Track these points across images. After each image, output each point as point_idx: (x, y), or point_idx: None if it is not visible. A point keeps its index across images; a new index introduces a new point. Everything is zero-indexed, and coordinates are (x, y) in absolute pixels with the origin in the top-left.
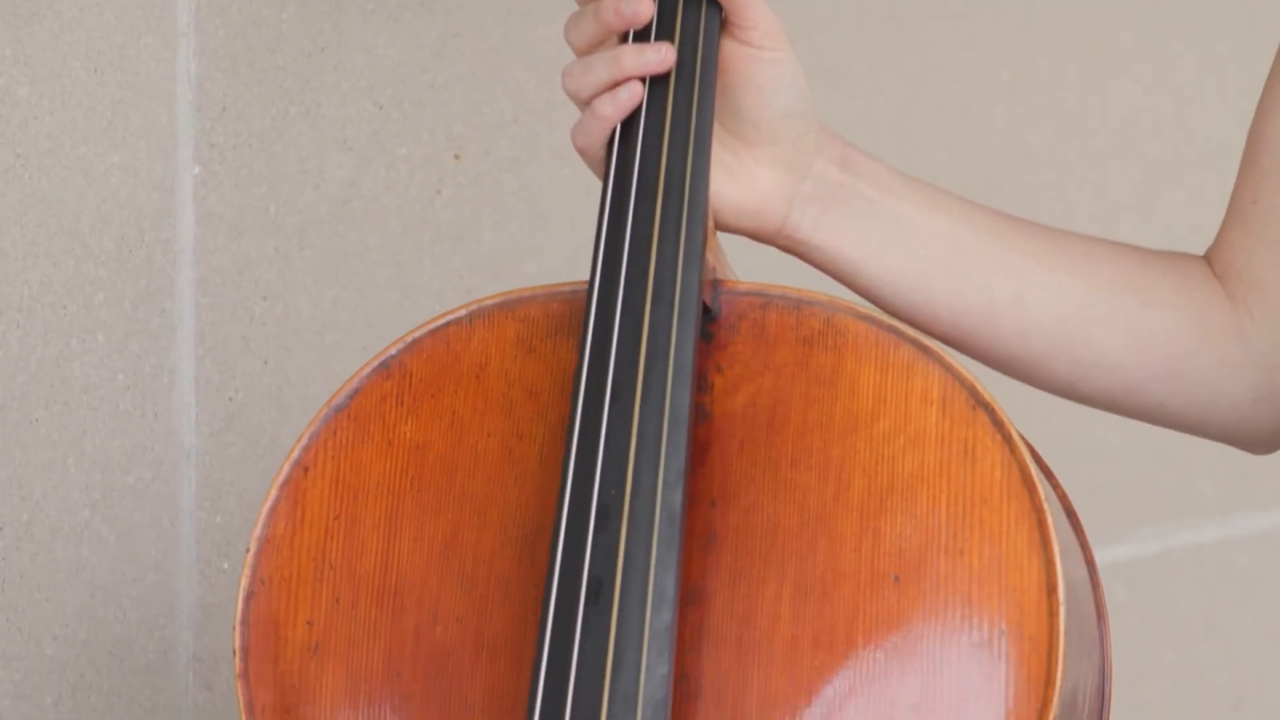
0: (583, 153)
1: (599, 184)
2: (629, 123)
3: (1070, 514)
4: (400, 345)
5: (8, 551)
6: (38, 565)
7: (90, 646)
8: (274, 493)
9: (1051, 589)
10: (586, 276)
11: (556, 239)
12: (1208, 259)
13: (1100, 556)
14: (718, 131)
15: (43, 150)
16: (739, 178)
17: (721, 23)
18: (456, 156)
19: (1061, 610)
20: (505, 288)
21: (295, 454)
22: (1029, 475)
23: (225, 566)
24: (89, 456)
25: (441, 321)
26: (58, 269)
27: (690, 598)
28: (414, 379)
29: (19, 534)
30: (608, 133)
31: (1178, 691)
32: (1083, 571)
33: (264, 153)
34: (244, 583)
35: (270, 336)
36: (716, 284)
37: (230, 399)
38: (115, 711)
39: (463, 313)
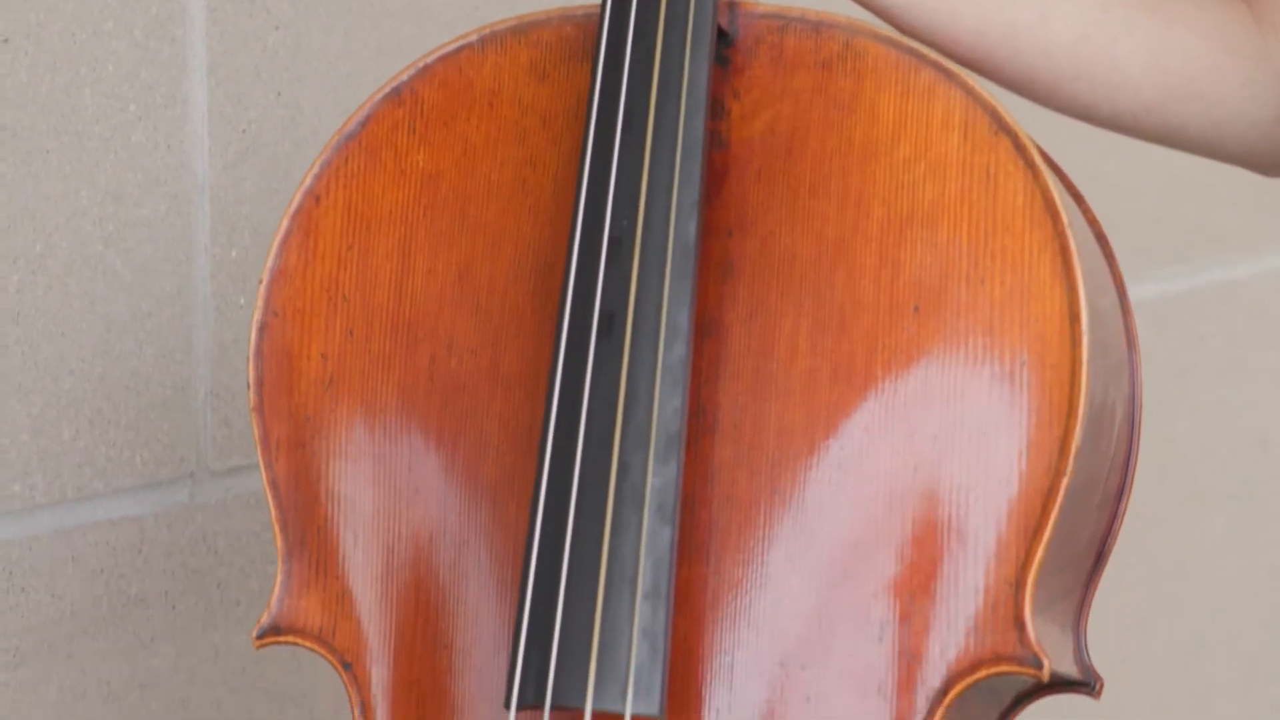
0: None
1: None
2: None
3: (1100, 239)
4: (412, 71)
5: (22, 285)
6: (52, 299)
7: (106, 381)
8: (285, 223)
9: (1074, 317)
10: None
11: None
12: None
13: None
14: None
15: None
16: None
17: None
18: None
19: (1085, 339)
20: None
21: (307, 183)
22: (1052, 202)
23: (241, 302)
24: (101, 189)
25: (453, 46)
26: None
27: (706, 330)
28: (426, 106)
29: (32, 267)
30: None
31: (1205, 430)
32: (1111, 298)
33: None
34: (256, 315)
35: (283, 67)
36: (733, 6)
37: (243, 131)
38: (133, 446)
39: (474, 37)
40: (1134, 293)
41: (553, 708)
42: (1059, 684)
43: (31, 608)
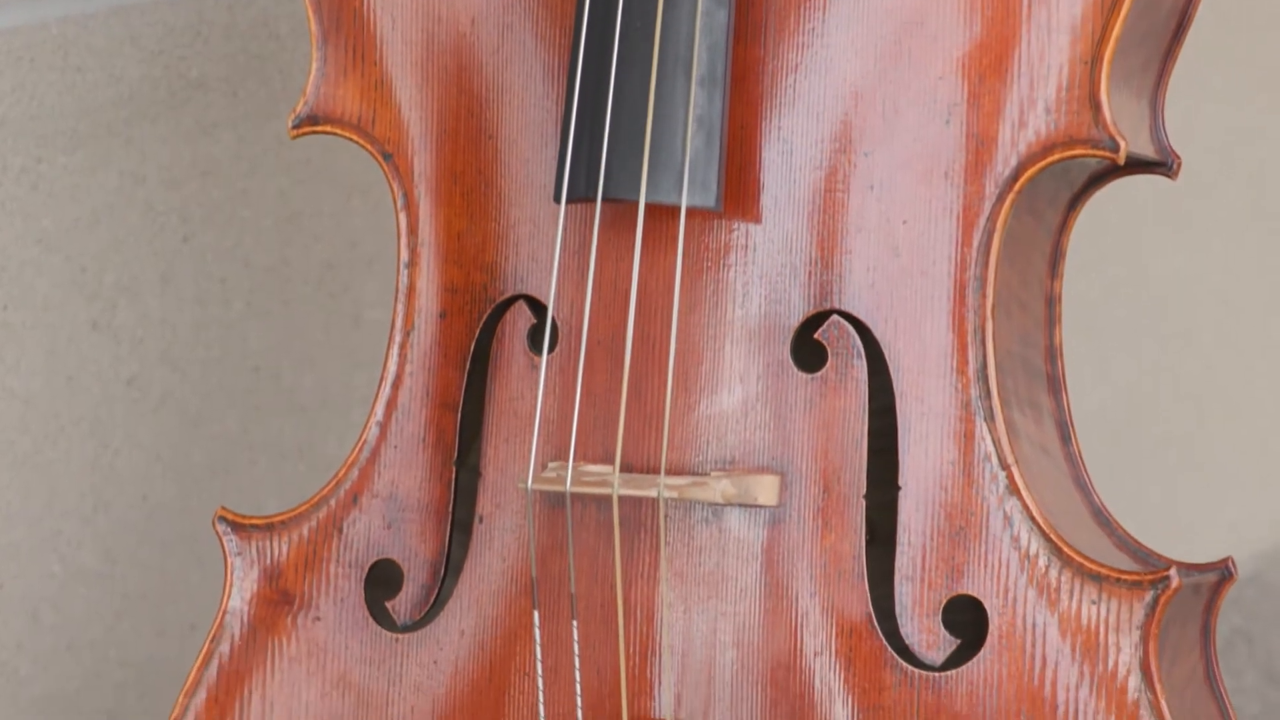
0: None
1: None
2: None
3: None
4: None
5: None
6: None
7: None
8: None
9: None
10: None
11: None
12: None
13: None
14: None
15: None
16: None
17: None
18: None
19: None
20: None
21: None
22: None
23: None
24: None
25: None
26: None
27: None
28: None
29: None
30: None
31: None
32: None
33: None
34: None
35: None
36: None
37: None
38: None
39: None
40: None
41: (605, 200)
42: (1135, 165)
43: (88, 89)
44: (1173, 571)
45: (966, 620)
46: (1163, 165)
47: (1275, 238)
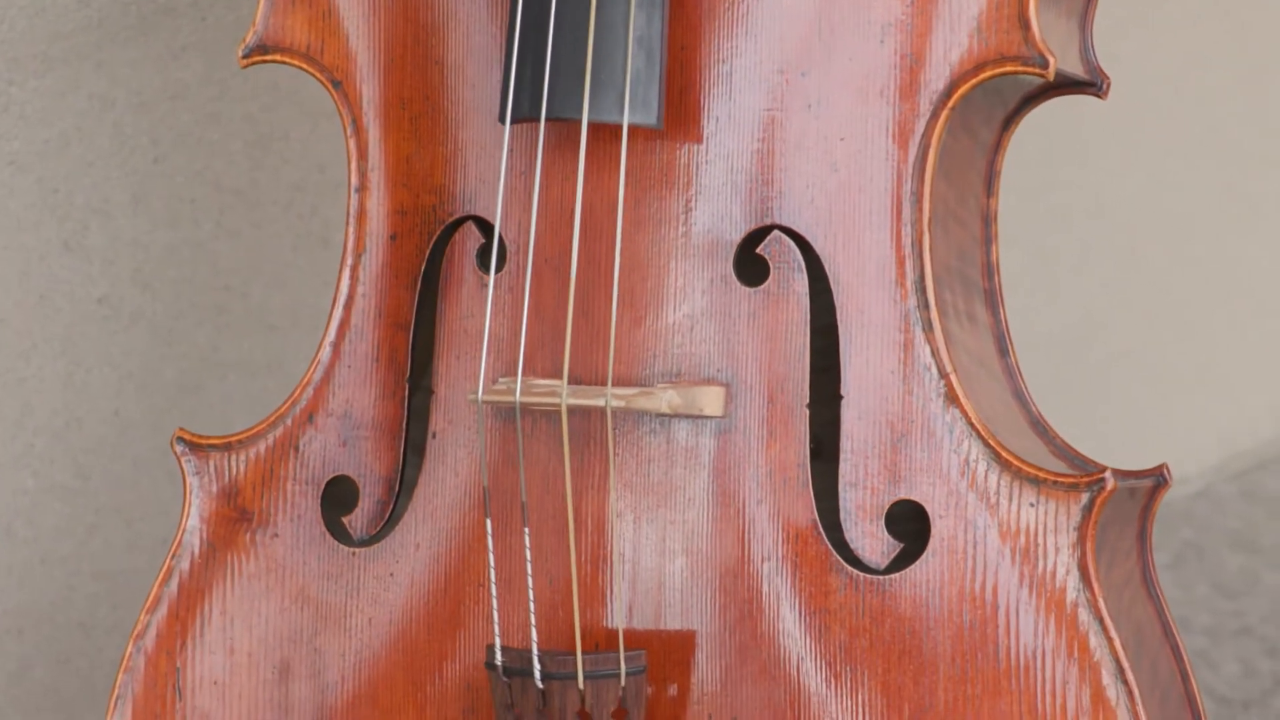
0: None
1: None
2: None
3: None
4: None
5: None
6: None
7: None
8: None
9: None
10: None
11: None
12: None
13: None
14: None
15: None
16: None
17: None
18: None
19: None
20: None
21: None
22: None
23: None
24: None
25: None
26: None
27: None
28: None
29: None
30: None
31: None
32: None
33: None
34: None
35: None
36: None
37: None
38: None
39: None
40: None
41: (548, 120)
42: (1065, 84)
43: (59, 13)
44: (1108, 474)
45: (911, 529)
46: (1092, 85)
47: (1225, 159)
